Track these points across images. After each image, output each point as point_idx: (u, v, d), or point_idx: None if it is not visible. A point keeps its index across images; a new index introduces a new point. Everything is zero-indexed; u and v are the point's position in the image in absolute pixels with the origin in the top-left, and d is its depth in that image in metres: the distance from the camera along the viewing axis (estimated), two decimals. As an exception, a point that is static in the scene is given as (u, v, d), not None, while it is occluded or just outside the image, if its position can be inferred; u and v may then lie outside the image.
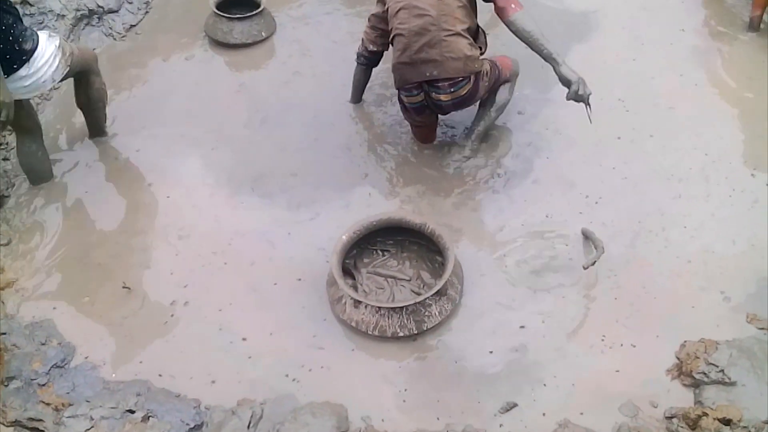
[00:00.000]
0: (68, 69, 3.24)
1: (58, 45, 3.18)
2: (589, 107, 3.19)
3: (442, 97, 3.27)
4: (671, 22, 4.26)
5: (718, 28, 4.22)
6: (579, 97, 3.16)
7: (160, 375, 2.78)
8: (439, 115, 3.57)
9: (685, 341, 2.78)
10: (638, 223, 3.22)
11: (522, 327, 2.89)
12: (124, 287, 3.07)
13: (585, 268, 2.96)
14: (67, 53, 3.23)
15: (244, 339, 2.91)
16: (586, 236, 3.13)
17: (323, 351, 2.87)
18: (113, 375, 2.78)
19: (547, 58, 3.16)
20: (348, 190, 3.47)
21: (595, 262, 2.97)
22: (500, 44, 3.81)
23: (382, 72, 3.93)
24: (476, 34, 3.35)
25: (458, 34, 3.17)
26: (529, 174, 3.49)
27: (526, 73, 3.64)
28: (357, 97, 3.89)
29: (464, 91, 3.27)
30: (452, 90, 3.25)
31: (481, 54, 3.35)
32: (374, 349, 2.87)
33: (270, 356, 2.85)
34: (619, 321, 2.88)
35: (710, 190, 3.34)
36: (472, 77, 3.25)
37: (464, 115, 3.65)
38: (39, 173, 3.47)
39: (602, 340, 2.83)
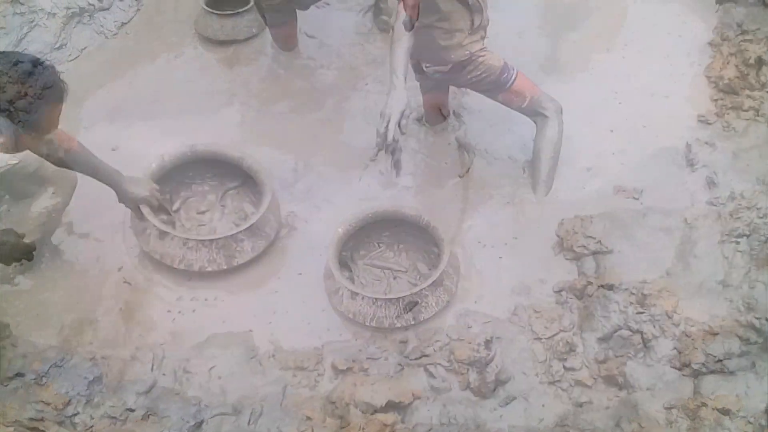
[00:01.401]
0: None
1: None
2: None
3: (423, 66, 3.30)
4: (672, 12, 4.19)
5: (719, 20, 4.12)
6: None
7: (164, 374, 2.77)
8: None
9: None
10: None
11: (517, 314, 2.92)
12: (124, 282, 3.08)
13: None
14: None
15: (250, 330, 2.93)
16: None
17: (321, 342, 2.89)
18: (115, 373, 2.76)
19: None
20: (347, 183, 3.47)
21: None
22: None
23: (378, 69, 3.93)
24: (462, 10, 3.11)
25: (430, 26, 3.07)
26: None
27: (519, 67, 3.59)
28: None
29: (437, 74, 3.25)
30: (427, 66, 3.26)
31: (481, 28, 3.19)
32: (371, 339, 2.89)
33: (271, 352, 2.86)
34: None
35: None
36: (450, 65, 3.21)
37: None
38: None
39: None
